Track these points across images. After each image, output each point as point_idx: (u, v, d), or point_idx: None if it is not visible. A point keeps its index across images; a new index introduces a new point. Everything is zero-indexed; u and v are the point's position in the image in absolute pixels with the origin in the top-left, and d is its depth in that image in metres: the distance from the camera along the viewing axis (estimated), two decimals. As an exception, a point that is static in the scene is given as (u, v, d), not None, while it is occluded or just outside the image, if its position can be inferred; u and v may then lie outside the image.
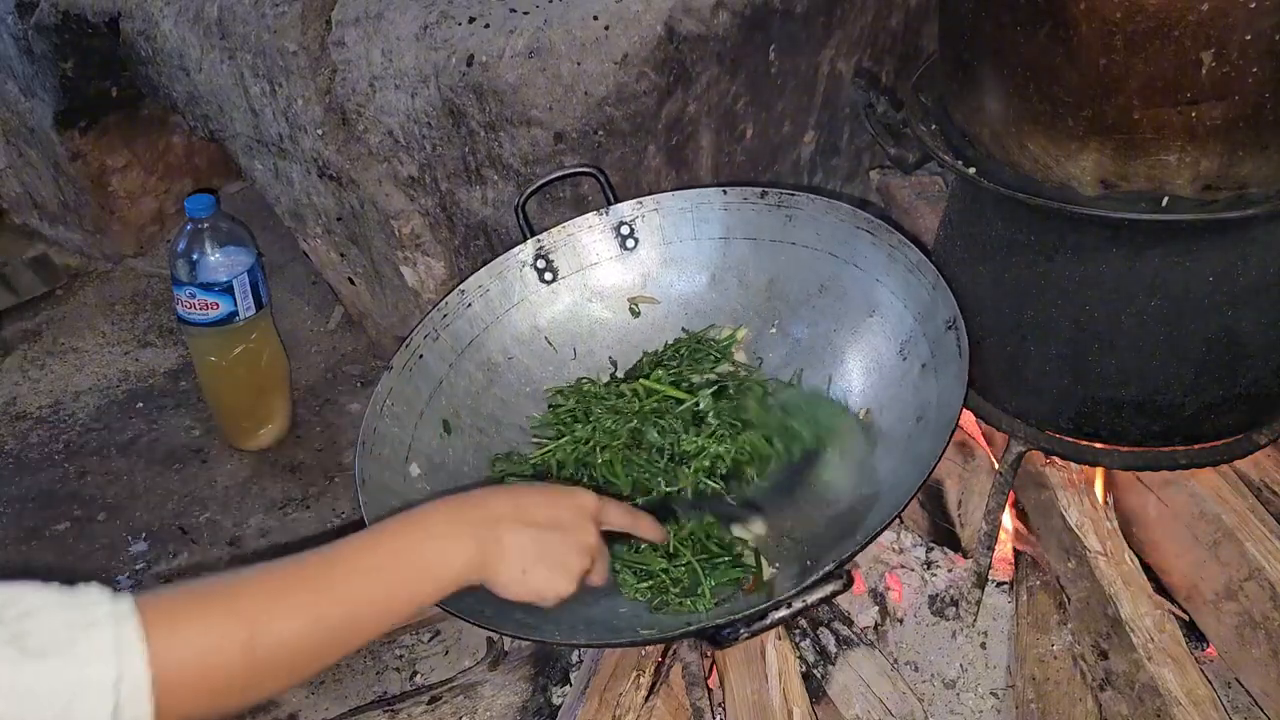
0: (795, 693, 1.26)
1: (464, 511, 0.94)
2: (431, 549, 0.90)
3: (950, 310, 1.24)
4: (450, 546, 0.91)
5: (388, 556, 0.88)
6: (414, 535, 0.90)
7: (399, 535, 0.90)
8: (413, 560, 0.89)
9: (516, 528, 0.95)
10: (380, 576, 0.86)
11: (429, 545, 0.90)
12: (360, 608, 0.84)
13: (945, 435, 1.14)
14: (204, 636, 0.75)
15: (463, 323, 1.44)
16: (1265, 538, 1.28)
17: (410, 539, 0.90)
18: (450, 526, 0.92)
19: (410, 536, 0.90)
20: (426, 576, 0.89)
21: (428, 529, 0.91)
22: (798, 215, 1.43)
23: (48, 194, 2.40)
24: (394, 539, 0.90)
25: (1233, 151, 1.09)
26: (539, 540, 0.96)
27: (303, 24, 1.65)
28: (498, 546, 0.93)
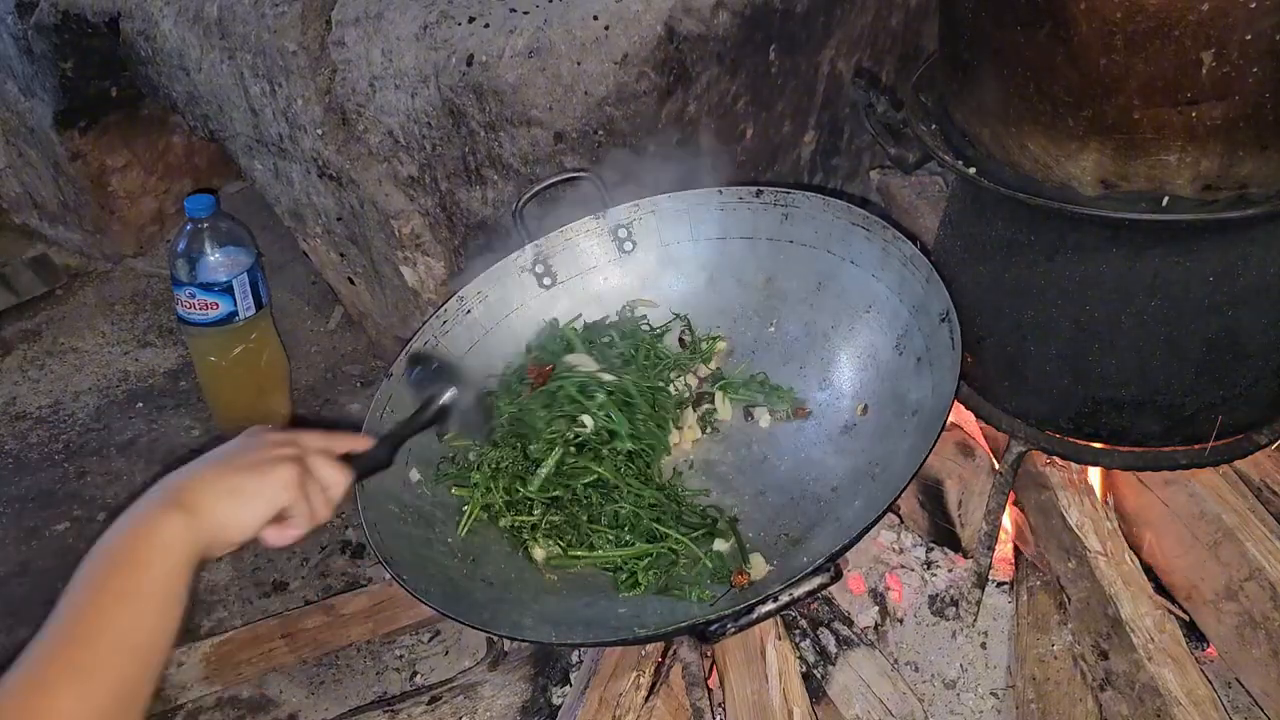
0: (795, 693, 1.26)
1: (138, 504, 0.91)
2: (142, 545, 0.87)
3: (944, 303, 1.24)
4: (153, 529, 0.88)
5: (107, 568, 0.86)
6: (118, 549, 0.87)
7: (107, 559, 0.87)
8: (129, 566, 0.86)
9: (195, 471, 0.94)
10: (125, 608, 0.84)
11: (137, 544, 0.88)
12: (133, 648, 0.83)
13: (937, 427, 1.14)
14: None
15: (462, 329, 1.44)
16: (1265, 538, 1.28)
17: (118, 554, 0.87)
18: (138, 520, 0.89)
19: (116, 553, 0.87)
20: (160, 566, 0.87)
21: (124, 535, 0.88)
22: (794, 213, 1.43)
23: (48, 194, 2.40)
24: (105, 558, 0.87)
25: (1233, 151, 1.09)
26: (224, 463, 0.95)
27: (303, 24, 1.65)
28: (189, 493, 0.91)
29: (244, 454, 0.97)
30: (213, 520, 0.91)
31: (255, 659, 1.53)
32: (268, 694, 1.52)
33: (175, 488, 0.92)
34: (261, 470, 0.96)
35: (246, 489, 0.94)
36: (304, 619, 1.56)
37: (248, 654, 1.53)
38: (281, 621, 1.56)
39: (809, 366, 1.42)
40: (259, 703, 1.51)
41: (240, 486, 0.94)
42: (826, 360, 1.41)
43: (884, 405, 1.33)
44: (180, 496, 0.91)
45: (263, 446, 0.99)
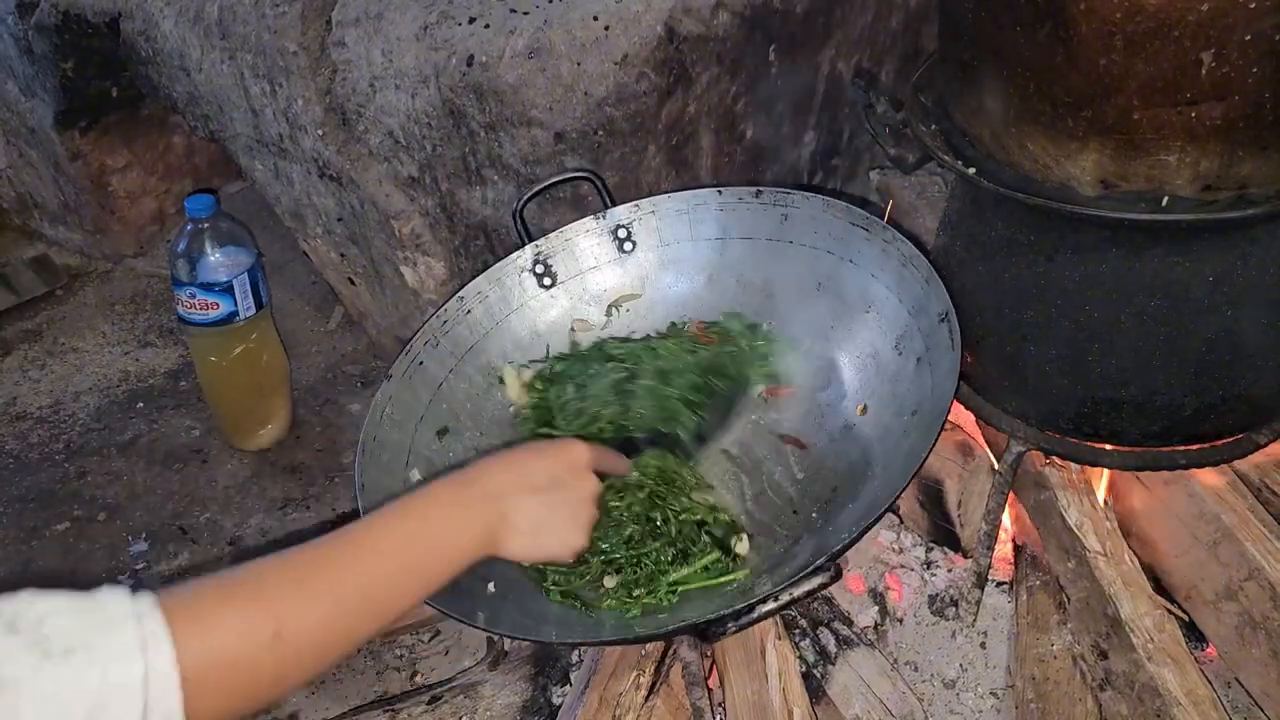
0: (795, 693, 1.26)
1: (466, 490, 0.96)
2: (439, 531, 0.92)
3: (943, 303, 1.24)
4: (456, 527, 0.93)
5: (400, 540, 0.89)
6: (421, 518, 0.92)
7: (407, 518, 0.91)
8: (424, 542, 0.90)
9: (519, 496, 0.98)
10: (394, 560, 0.88)
11: (437, 527, 0.92)
12: (378, 590, 0.86)
13: (936, 427, 1.14)
14: (230, 631, 0.75)
15: (462, 329, 1.44)
16: (1265, 538, 1.28)
17: (418, 522, 0.91)
18: (454, 508, 0.94)
19: (417, 520, 0.92)
20: (439, 557, 0.91)
21: (433, 511, 0.93)
22: (793, 214, 1.43)
23: (48, 194, 2.40)
24: (403, 522, 0.91)
25: (1233, 151, 1.09)
26: (545, 504, 0.99)
27: (303, 24, 1.65)
28: (503, 520, 0.96)
29: (564, 502, 1.02)
30: (503, 550, 0.97)
31: (255, 659, 1.52)
32: (268, 694, 1.52)
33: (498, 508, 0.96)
34: (567, 534, 1.02)
35: (544, 545, 1.00)
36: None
37: (248, 654, 1.53)
38: (282, 621, 1.56)
39: (808, 366, 1.42)
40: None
41: (544, 541, 1.00)
42: (826, 360, 1.41)
43: (884, 405, 1.33)
44: (499, 522, 0.96)
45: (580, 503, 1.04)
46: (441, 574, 0.91)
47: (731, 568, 1.24)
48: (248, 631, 0.76)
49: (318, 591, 0.81)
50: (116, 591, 0.72)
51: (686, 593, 1.23)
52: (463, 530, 0.93)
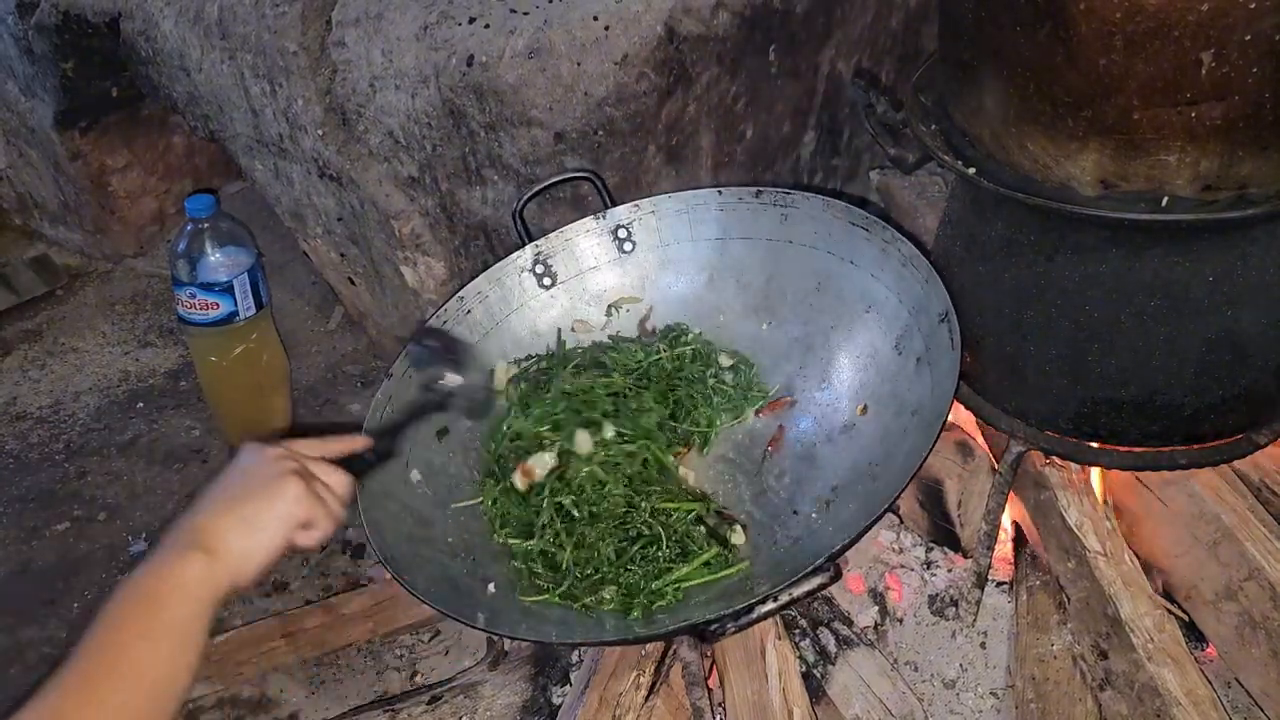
0: (795, 693, 1.26)
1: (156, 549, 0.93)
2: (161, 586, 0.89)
3: (943, 303, 1.24)
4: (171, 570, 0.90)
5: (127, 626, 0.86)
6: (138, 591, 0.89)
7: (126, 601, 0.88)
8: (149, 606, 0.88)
9: (205, 513, 0.95)
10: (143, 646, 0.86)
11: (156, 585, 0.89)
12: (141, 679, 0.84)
13: (936, 427, 1.14)
14: None
15: (462, 329, 1.44)
16: (1265, 538, 1.28)
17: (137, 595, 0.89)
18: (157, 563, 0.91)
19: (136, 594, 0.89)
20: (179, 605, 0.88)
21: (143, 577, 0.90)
22: (793, 214, 1.43)
23: (48, 194, 2.40)
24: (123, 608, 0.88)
25: (1233, 151, 1.09)
26: (232, 498, 0.96)
27: (303, 24, 1.65)
28: (203, 533, 0.93)
29: (247, 479, 0.98)
30: (232, 555, 0.93)
31: (255, 658, 1.53)
32: (268, 693, 1.52)
33: (191, 529, 0.93)
34: (269, 492, 0.97)
35: (259, 517, 0.96)
36: (304, 618, 1.56)
37: (248, 653, 1.53)
38: (282, 621, 1.56)
39: (808, 366, 1.42)
40: (259, 702, 1.51)
41: (253, 515, 0.95)
42: (826, 360, 1.41)
43: (884, 405, 1.33)
44: (197, 537, 0.92)
45: (263, 465, 1.00)
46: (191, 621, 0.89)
47: (731, 560, 1.24)
48: None
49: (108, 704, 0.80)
50: None
51: (689, 589, 1.22)
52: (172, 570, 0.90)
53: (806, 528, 1.28)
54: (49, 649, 1.59)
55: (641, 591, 1.21)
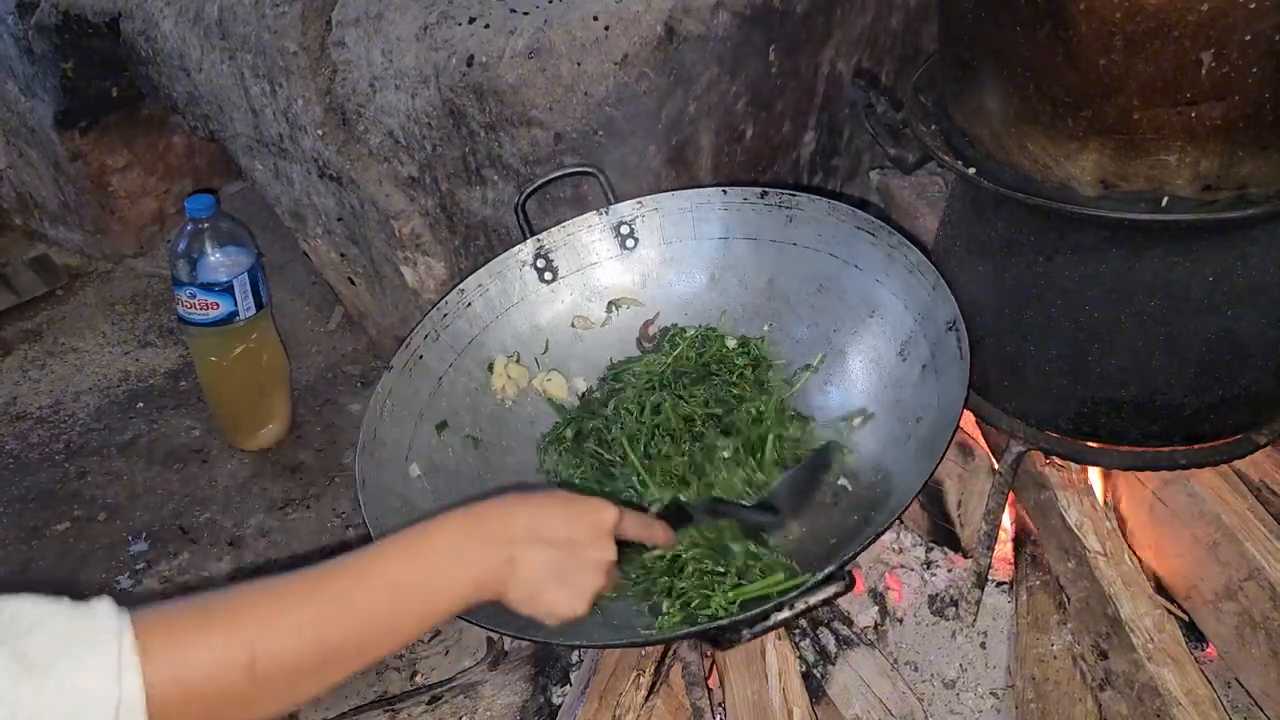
0: (795, 693, 1.26)
1: (477, 528, 0.90)
2: (440, 569, 0.87)
3: (951, 311, 1.24)
4: (459, 567, 0.88)
5: (395, 575, 0.85)
6: (422, 553, 0.87)
7: (407, 552, 0.87)
8: (420, 580, 0.86)
9: (531, 546, 0.91)
10: (386, 597, 0.84)
11: (437, 564, 0.87)
12: (365, 628, 0.82)
13: (946, 437, 1.14)
14: (205, 657, 0.74)
15: (463, 322, 1.44)
16: (1265, 538, 1.28)
17: (418, 558, 0.87)
18: (458, 548, 0.88)
19: (419, 555, 0.87)
20: (434, 597, 0.86)
21: (437, 547, 0.88)
22: (798, 215, 1.43)
23: (48, 194, 2.40)
24: (402, 557, 0.87)
25: (1233, 151, 1.09)
26: (554, 561, 0.92)
27: (303, 24, 1.65)
28: (509, 566, 0.90)
29: (576, 565, 0.94)
30: (506, 595, 0.91)
31: (255, 658, 1.52)
32: (268, 693, 1.51)
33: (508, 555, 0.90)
34: (570, 598, 0.94)
35: (544, 600, 0.92)
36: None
37: (248, 653, 1.53)
38: (282, 621, 1.56)
39: (809, 367, 1.42)
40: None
41: (543, 596, 0.92)
42: (829, 364, 1.41)
43: (887, 411, 1.32)
44: (507, 571, 0.90)
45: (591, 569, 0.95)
46: (435, 615, 0.87)
47: None
48: (222, 658, 0.75)
49: (301, 625, 0.79)
50: (99, 606, 0.72)
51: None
52: (464, 570, 0.88)
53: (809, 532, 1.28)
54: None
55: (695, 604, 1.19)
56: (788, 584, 1.17)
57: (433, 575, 0.87)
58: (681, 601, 1.20)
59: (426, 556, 0.87)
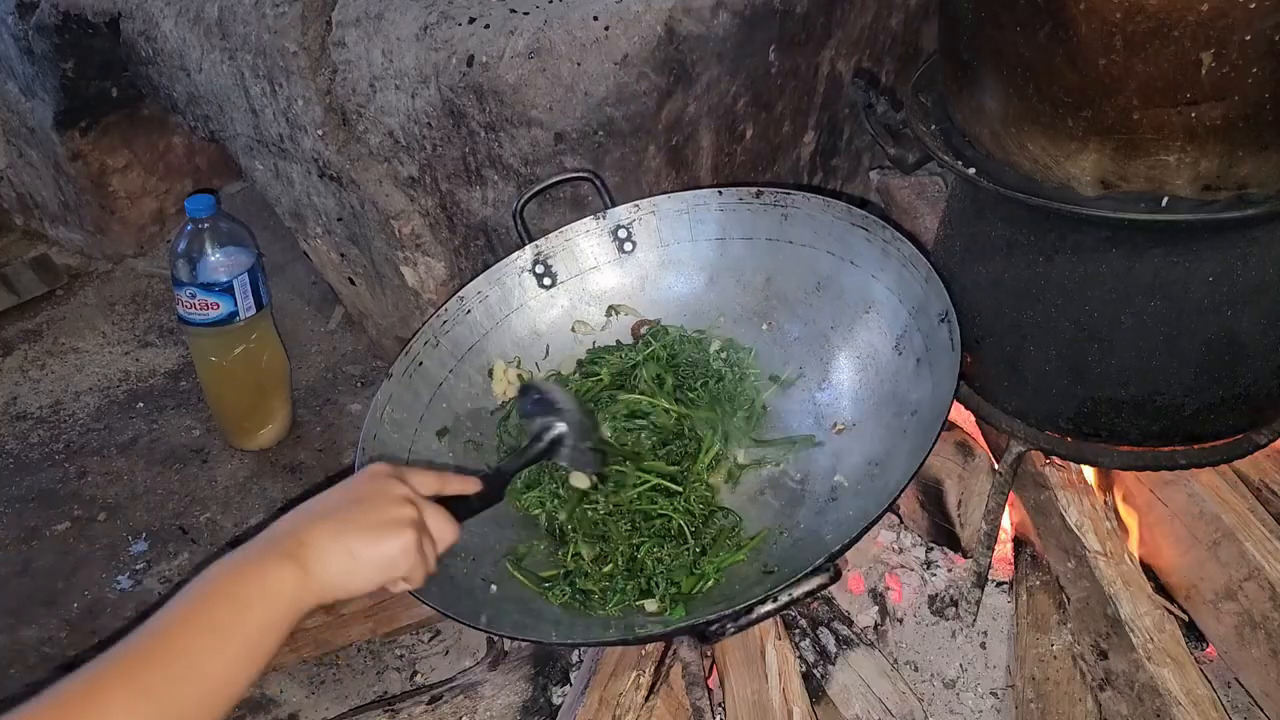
0: (795, 693, 1.26)
1: (250, 547, 0.87)
2: (242, 591, 0.83)
3: (943, 303, 1.24)
4: (261, 578, 0.84)
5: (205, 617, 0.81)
6: (223, 583, 0.84)
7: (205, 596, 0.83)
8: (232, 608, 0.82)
9: (312, 524, 0.89)
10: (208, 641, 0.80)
11: (238, 589, 0.83)
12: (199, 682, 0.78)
13: (936, 427, 1.14)
14: None
15: (463, 329, 1.44)
16: (1265, 538, 1.28)
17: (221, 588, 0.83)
18: (244, 562, 0.85)
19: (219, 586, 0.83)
20: (256, 618, 0.83)
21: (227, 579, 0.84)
22: (793, 214, 1.43)
23: (48, 194, 2.40)
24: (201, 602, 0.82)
25: (1233, 151, 1.09)
26: (343, 520, 0.90)
27: (303, 24, 1.65)
28: (307, 549, 0.87)
29: (365, 510, 0.92)
30: (324, 581, 0.87)
31: (255, 659, 1.53)
32: (268, 693, 1.52)
33: (293, 538, 0.88)
34: (382, 534, 0.91)
35: (364, 555, 0.90)
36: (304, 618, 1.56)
37: (248, 654, 1.53)
38: (282, 621, 1.56)
39: (808, 367, 1.42)
40: (259, 702, 1.51)
41: (358, 551, 0.89)
42: (826, 361, 1.41)
43: (883, 405, 1.33)
44: (297, 550, 0.87)
45: (385, 503, 0.94)
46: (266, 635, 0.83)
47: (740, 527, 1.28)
48: None
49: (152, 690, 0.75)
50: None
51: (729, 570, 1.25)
52: (266, 579, 0.84)
53: (806, 528, 1.28)
54: (49, 649, 1.59)
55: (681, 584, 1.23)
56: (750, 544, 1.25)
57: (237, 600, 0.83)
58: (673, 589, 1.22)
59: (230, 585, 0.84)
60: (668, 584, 1.23)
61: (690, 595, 1.22)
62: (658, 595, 1.22)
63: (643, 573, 1.24)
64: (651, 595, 1.22)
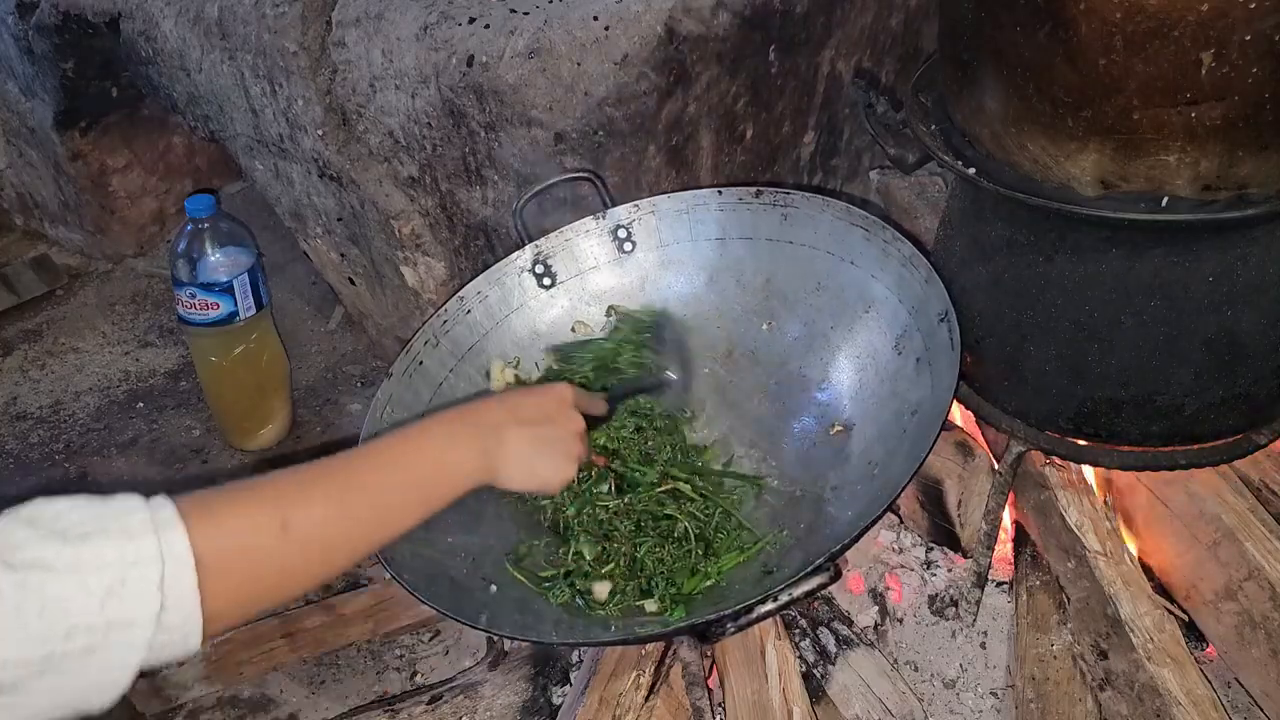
0: (795, 693, 1.26)
1: (464, 418, 1.02)
2: (440, 452, 0.97)
3: (943, 303, 1.24)
4: (458, 451, 0.98)
5: (402, 457, 0.95)
6: (421, 441, 0.98)
7: (409, 441, 0.97)
8: (425, 461, 0.96)
9: (513, 428, 1.03)
10: (399, 474, 0.94)
11: (437, 449, 0.97)
12: (383, 498, 0.91)
13: (936, 427, 1.14)
14: (239, 522, 0.79)
15: (462, 329, 1.44)
16: (1265, 538, 1.28)
17: (419, 444, 0.97)
18: (453, 434, 0.99)
19: (419, 441, 0.97)
20: (440, 476, 0.97)
21: (433, 435, 0.98)
22: (793, 214, 1.43)
23: (48, 194, 2.40)
24: (404, 444, 0.97)
25: (1232, 151, 1.09)
26: (537, 436, 1.05)
27: (303, 24, 1.65)
28: (501, 448, 1.01)
29: (555, 435, 1.07)
30: (500, 476, 1.01)
31: (255, 658, 1.53)
32: (268, 693, 1.52)
33: (496, 434, 1.01)
34: (559, 464, 1.07)
35: (540, 473, 1.05)
36: (304, 618, 1.56)
37: (248, 653, 1.53)
38: (282, 621, 1.56)
39: (808, 367, 1.42)
40: (259, 702, 1.51)
41: (538, 469, 1.05)
42: (825, 361, 1.41)
43: (883, 405, 1.33)
44: (496, 448, 1.01)
45: (568, 435, 1.08)
46: (443, 493, 0.96)
47: (758, 536, 1.27)
48: (255, 522, 0.80)
49: (324, 494, 0.87)
50: (129, 495, 0.75)
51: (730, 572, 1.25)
52: (462, 453, 0.98)
53: (806, 528, 1.28)
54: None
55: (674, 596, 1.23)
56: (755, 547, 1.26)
57: (435, 459, 0.97)
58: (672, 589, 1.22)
59: (427, 444, 0.98)
60: (667, 584, 1.23)
61: (690, 595, 1.22)
62: (658, 595, 1.22)
63: (643, 573, 1.24)
64: (651, 595, 1.22)
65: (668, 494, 1.30)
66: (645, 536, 1.26)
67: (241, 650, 1.53)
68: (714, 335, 1.48)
